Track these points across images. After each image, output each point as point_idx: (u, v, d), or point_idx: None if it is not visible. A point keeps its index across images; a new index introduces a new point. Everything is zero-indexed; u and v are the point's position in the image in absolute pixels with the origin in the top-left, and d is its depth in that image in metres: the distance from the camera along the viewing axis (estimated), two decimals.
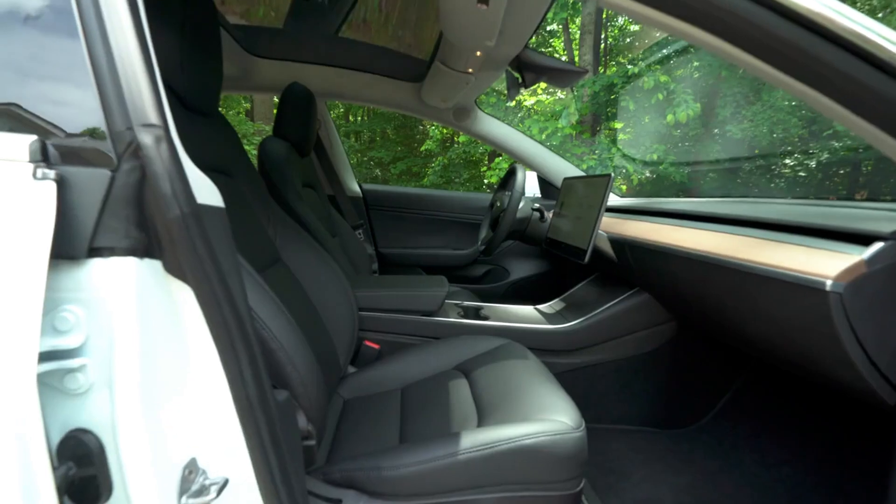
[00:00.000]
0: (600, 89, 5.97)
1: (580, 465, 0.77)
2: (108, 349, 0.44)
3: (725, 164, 6.27)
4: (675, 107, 5.11)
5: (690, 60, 6.51)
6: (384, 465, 0.74)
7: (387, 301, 1.26)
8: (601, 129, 6.80)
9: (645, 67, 5.54)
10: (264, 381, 0.55)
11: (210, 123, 0.92)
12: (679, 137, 6.50)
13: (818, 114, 0.75)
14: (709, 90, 6.38)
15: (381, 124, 10.60)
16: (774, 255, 0.73)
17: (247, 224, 0.90)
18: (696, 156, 6.68)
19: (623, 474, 1.16)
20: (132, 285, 0.45)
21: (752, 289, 0.78)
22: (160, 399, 0.47)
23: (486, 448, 0.74)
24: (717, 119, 6.40)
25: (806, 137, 6.19)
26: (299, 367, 0.68)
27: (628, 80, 5.77)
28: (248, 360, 0.52)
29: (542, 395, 0.87)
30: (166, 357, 0.48)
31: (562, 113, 5.85)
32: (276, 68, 1.71)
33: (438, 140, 8.59)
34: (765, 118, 5.87)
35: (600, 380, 1.32)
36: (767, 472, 1.10)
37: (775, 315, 0.76)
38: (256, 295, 0.68)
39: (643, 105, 5.68)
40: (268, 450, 0.53)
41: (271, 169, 1.37)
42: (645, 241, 1.10)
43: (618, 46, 9.04)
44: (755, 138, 6.06)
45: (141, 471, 0.44)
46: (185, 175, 0.47)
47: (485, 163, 7.99)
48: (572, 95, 6.15)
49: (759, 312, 0.81)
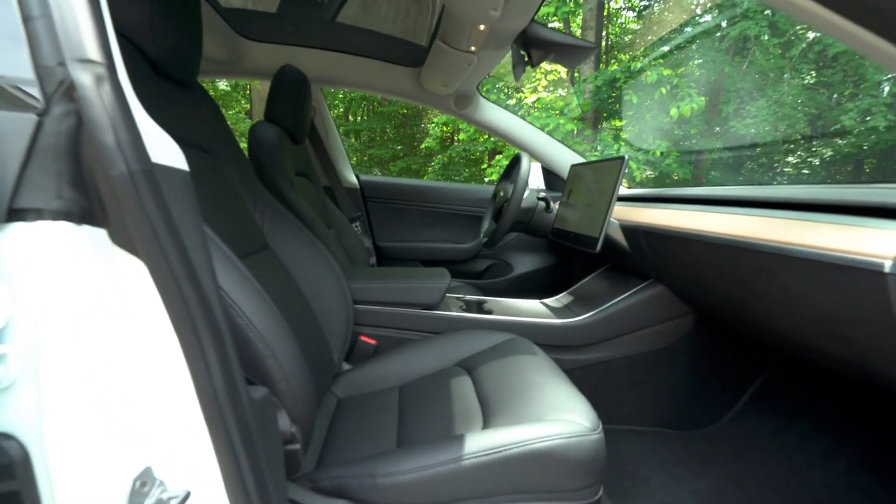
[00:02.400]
0: (603, 84, 5.90)
1: (599, 470, 0.69)
2: (35, 335, 0.36)
3: (731, 161, 6.19)
4: (679, 101, 5.03)
5: (693, 56, 6.44)
6: (379, 471, 0.66)
7: (384, 293, 1.18)
8: (602, 127, 6.72)
9: (648, 63, 5.47)
10: (236, 374, 0.47)
11: (188, 95, 0.84)
12: (683, 133, 6.43)
13: (823, 109, 0.66)
14: (712, 85, 6.31)
15: (381, 123, 10.57)
16: (819, 235, 0.65)
17: (229, 206, 0.82)
18: (701, 152, 6.60)
19: (639, 479, 1.07)
20: (66, 256, 0.36)
21: (791, 274, 0.70)
22: (102, 396, 0.38)
23: (494, 452, 0.65)
24: (721, 115, 6.33)
25: (811, 135, 6.12)
26: (282, 360, 0.60)
27: (631, 75, 5.69)
28: (215, 349, 0.44)
29: (555, 394, 0.79)
30: (111, 345, 0.40)
31: (562, 108, 5.77)
32: (268, 52, 1.63)
33: (438, 138, 8.53)
34: (770, 113, 5.80)
35: (612, 377, 1.24)
36: (795, 477, 1.02)
37: (818, 303, 0.68)
38: (234, 280, 0.60)
39: (646, 100, 5.60)
40: (239, 455, 0.45)
41: (261, 154, 1.29)
42: (663, 228, 1.02)
43: (619, 44, 8.98)
44: (759, 134, 5.99)
45: (76, 484, 0.36)
46: (136, 125, 0.39)
47: (485, 161, 7.91)
48: (574, 90, 6.07)
49: (797, 300, 0.73)
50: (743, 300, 0.88)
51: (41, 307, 0.36)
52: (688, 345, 1.21)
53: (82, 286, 0.37)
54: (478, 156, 8.10)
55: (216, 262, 0.58)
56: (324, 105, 1.85)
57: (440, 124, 7.86)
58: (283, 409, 0.59)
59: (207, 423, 0.44)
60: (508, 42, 1.24)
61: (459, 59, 1.38)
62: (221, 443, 0.44)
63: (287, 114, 1.42)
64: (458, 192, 2.04)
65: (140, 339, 0.41)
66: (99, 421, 0.38)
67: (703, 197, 1.05)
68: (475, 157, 8.13)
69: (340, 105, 11.12)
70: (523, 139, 1.81)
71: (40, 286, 0.36)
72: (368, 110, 11.26)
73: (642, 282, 1.22)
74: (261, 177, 1.22)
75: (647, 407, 1.25)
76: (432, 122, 8.77)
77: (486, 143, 7.33)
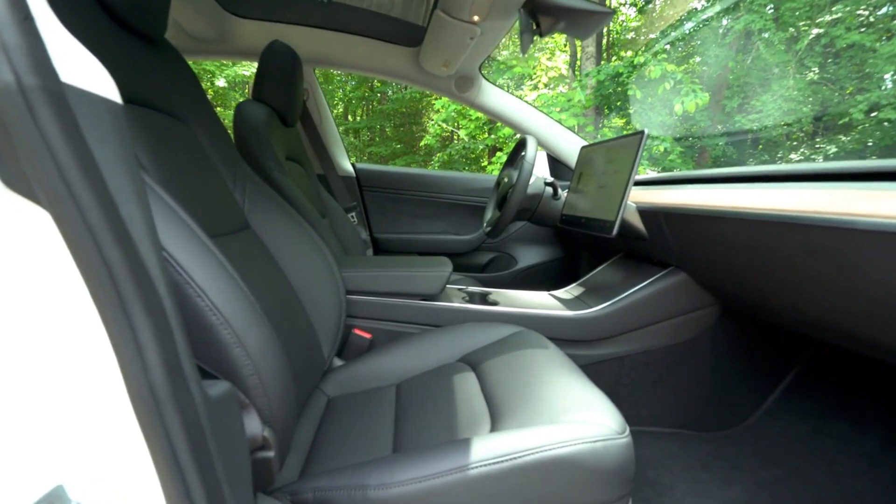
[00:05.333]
0: (605, 78, 5.80)
1: (628, 480, 0.59)
2: None
3: (735, 157, 6.09)
4: (683, 96, 4.93)
5: (697, 51, 6.35)
6: (371, 481, 0.56)
7: (380, 283, 1.08)
8: (603, 123, 6.62)
9: (651, 55, 5.37)
10: (185, 365, 0.37)
11: (158, 55, 0.74)
12: (686, 128, 6.34)
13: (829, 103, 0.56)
14: (716, 80, 6.22)
15: (381, 121, 10.53)
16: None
17: (200, 179, 0.72)
18: (704, 149, 6.50)
19: (662, 487, 0.97)
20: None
21: (855, 250, 0.60)
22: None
23: (506, 460, 0.55)
24: (725, 111, 6.23)
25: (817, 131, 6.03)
26: (252, 349, 0.50)
27: (634, 69, 5.59)
28: (154, 333, 0.34)
29: (572, 391, 0.69)
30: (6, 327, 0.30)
31: (565, 104, 5.67)
32: (258, 30, 1.53)
33: (438, 136, 8.45)
34: (775, 108, 5.70)
35: (628, 374, 1.13)
36: (837, 484, 0.91)
37: (888, 281, 0.58)
38: (196, 256, 0.50)
39: (649, 95, 5.50)
40: (185, 468, 0.35)
41: (248, 134, 1.19)
42: (688, 207, 0.92)
43: (620, 41, 8.90)
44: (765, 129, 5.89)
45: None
46: (35, 29, 0.29)
47: (485, 158, 7.82)
48: (576, 84, 5.97)
49: (851, 281, 0.63)
50: (781, 284, 0.78)
51: None
52: (712, 338, 1.11)
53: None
54: (478, 153, 8.01)
55: (176, 236, 0.48)
56: (317, 87, 1.75)
57: (440, 122, 7.77)
58: (252, 409, 0.49)
59: (141, 427, 0.34)
60: (515, 9, 1.14)
61: (461, 32, 1.28)
62: (160, 452, 0.34)
63: (276, 93, 1.32)
64: (459, 180, 1.94)
65: (48, 318, 0.31)
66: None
67: (728, 175, 0.95)
68: (475, 154, 8.05)
69: (340, 104, 11.07)
70: (529, 125, 1.71)
71: None
72: (368, 109, 11.21)
73: (661, 270, 1.12)
74: (247, 158, 1.12)
75: (668, 406, 1.15)
76: (431, 121, 8.70)
77: (486, 140, 7.24)
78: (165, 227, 0.49)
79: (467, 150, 7.79)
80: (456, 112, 7.01)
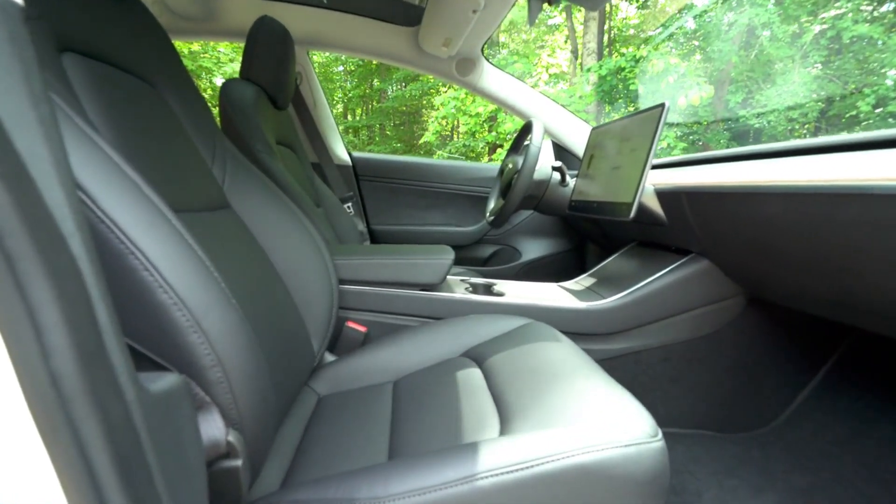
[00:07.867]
0: (607, 73, 5.71)
1: (664, 490, 0.50)
2: None
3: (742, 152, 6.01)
4: (688, 89, 4.85)
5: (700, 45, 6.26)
6: (361, 493, 0.47)
7: (375, 271, 0.99)
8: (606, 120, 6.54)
9: (652, 48, 5.28)
10: (110, 351, 0.28)
11: (127, 13, 0.66)
12: (690, 123, 6.25)
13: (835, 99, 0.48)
14: (720, 75, 6.13)
15: (380, 119, 10.49)
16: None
17: (169, 149, 0.64)
18: (707, 145, 6.42)
19: (688, 494, 0.88)
20: None
21: None
22: None
23: (520, 468, 0.47)
24: (729, 105, 6.14)
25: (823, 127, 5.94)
26: (215, 336, 0.41)
27: (637, 63, 5.50)
28: (60, 307, 0.25)
29: (592, 389, 0.61)
30: None
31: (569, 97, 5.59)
32: (247, 8, 1.44)
33: (437, 133, 8.38)
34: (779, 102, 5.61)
35: (646, 371, 1.05)
36: (886, 491, 0.82)
37: None
38: (150, 228, 0.41)
39: (653, 90, 5.42)
40: (105, 485, 0.26)
41: (234, 113, 1.11)
42: (716, 186, 0.83)
43: (621, 37, 8.83)
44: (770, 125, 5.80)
45: None
46: None
47: (486, 155, 7.75)
48: (584, 76, 5.89)
49: None
50: (830, 265, 0.69)
51: None
52: (736, 330, 1.02)
53: None
54: (478, 151, 7.94)
55: (127, 203, 0.40)
56: (311, 70, 1.66)
57: (439, 119, 7.71)
58: (213, 408, 0.40)
59: (41, 432, 0.25)
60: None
61: (462, 7, 1.20)
62: (68, 466, 0.25)
63: (266, 71, 1.23)
64: (460, 170, 1.85)
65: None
66: None
67: (754, 152, 0.86)
68: (475, 152, 7.98)
69: (339, 103, 11.02)
70: (535, 111, 1.62)
71: None
72: (367, 108, 11.17)
73: (681, 257, 1.03)
74: (233, 139, 1.03)
75: (688, 405, 1.06)
76: (431, 118, 8.64)
77: (486, 137, 7.17)
78: (114, 192, 0.41)
79: (467, 147, 7.72)
80: (456, 109, 6.94)
